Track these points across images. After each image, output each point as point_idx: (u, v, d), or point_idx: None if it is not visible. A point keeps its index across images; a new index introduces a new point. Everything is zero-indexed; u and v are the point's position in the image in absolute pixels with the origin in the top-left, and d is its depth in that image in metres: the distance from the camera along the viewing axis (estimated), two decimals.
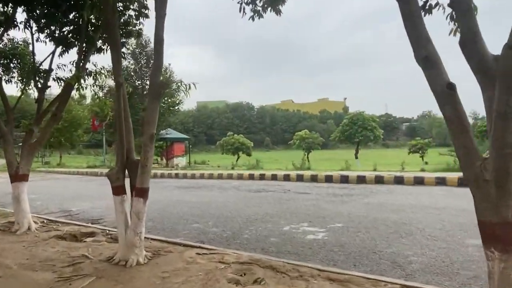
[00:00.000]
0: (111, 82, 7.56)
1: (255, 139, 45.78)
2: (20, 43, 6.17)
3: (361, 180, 11.05)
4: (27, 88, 5.98)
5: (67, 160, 32.90)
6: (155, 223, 5.78)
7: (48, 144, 28.36)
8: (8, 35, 5.84)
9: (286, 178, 12.60)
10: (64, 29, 5.35)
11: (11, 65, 5.89)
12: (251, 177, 13.39)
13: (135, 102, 20.23)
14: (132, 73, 21.11)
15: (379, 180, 10.83)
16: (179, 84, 3.70)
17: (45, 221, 5.77)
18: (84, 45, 5.17)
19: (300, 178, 12.29)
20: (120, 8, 5.02)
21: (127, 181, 3.86)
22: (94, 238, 4.78)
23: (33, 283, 3.21)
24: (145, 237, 3.81)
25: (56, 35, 5.37)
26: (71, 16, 5.14)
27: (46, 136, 5.50)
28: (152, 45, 17.28)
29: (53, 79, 5.64)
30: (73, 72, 5.29)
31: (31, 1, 4.72)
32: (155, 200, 8.48)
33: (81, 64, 5.23)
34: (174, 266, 3.42)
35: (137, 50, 20.68)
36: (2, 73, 5.88)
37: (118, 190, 3.77)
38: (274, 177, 12.88)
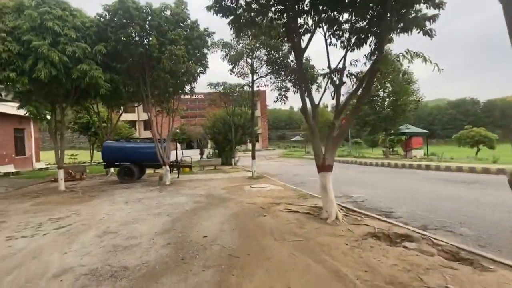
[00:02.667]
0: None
1: None
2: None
3: None
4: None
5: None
6: None
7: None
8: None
9: None
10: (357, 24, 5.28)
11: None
12: None
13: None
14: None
15: None
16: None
17: (343, 209, 5.70)
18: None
19: None
20: None
21: None
22: (416, 245, 3.95)
23: None
24: None
25: (347, 36, 5.47)
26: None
27: (347, 129, 5.47)
28: None
29: (346, 75, 5.61)
30: (368, 64, 5.22)
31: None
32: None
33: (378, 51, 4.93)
34: None
35: None
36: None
37: None
38: None
